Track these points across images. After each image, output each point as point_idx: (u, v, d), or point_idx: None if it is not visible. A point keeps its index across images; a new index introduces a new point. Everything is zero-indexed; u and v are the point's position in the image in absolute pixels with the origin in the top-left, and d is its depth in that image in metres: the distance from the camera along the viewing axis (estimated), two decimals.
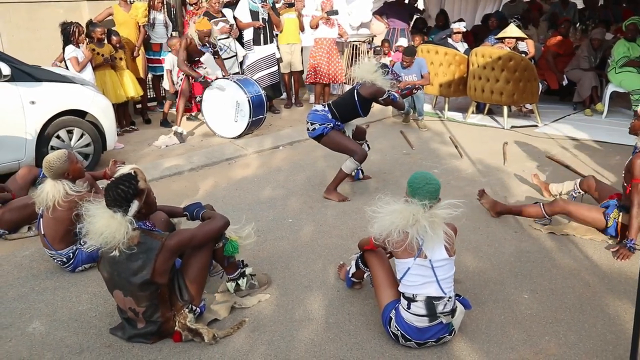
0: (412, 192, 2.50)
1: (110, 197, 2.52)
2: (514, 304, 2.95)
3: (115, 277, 2.59)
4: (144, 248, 2.54)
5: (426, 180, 2.51)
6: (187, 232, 2.74)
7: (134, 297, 2.59)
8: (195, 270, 2.75)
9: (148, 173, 5.16)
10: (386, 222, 2.51)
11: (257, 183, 4.97)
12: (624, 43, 7.15)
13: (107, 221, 2.48)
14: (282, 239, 3.79)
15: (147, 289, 2.57)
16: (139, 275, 2.54)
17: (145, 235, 2.56)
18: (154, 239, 2.56)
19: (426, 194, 2.47)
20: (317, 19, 7.61)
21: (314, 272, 3.32)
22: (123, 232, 2.47)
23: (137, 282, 2.54)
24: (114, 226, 2.47)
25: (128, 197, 2.53)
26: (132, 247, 2.50)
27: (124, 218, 2.49)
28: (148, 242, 2.55)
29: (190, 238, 2.68)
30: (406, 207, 2.49)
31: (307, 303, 3.00)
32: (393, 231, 2.48)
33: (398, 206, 2.53)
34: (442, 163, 5.53)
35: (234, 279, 3.01)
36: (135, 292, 2.57)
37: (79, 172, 3.35)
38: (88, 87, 5.15)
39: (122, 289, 2.60)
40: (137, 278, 2.54)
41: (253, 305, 2.98)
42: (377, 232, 2.56)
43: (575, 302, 2.96)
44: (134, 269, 2.54)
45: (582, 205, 3.75)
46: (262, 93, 6.35)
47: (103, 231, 2.47)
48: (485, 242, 3.69)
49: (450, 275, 2.53)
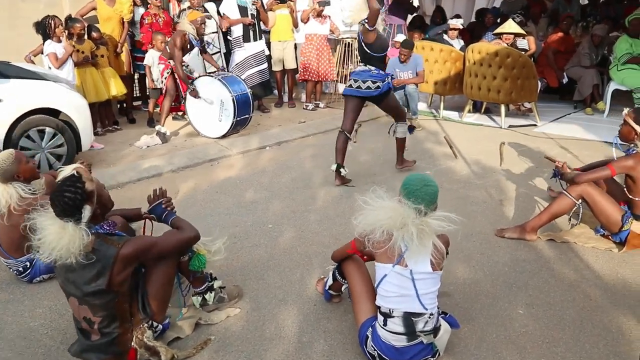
0: (407, 193, 2.22)
1: (58, 207, 2.23)
2: (508, 320, 2.68)
3: (69, 284, 2.32)
4: (99, 255, 2.25)
5: (424, 182, 2.23)
6: (147, 239, 2.47)
7: (88, 306, 2.31)
8: (157, 285, 2.47)
9: (125, 175, 4.93)
10: (371, 217, 2.24)
11: (239, 185, 4.71)
12: (627, 39, 6.89)
13: (58, 233, 2.18)
14: (259, 246, 3.52)
15: (103, 298, 2.29)
16: (93, 284, 2.26)
17: (100, 241, 2.28)
18: (110, 245, 2.28)
19: (423, 196, 2.19)
20: (307, 11, 7.35)
21: (290, 284, 3.05)
22: (78, 243, 2.18)
23: (91, 290, 2.27)
24: (67, 238, 2.17)
25: (77, 203, 2.24)
26: (90, 257, 2.23)
27: (77, 227, 2.20)
28: (103, 248, 2.27)
29: (150, 247, 2.40)
30: (397, 207, 2.21)
31: (280, 319, 2.73)
32: (377, 229, 2.21)
33: (389, 204, 2.24)
34: (436, 164, 5.27)
35: (200, 292, 2.74)
36: (90, 301, 2.30)
37: (30, 172, 3.08)
38: (61, 84, 4.89)
39: (76, 297, 2.33)
40: (92, 287, 2.26)
41: (221, 321, 2.71)
42: (361, 227, 2.28)
43: (575, 318, 2.68)
44: (89, 278, 2.26)
45: (606, 195, 3.40)
46: (248, 91, 6.08)
47: (55, 245, 2.19)
48: (478, 250, 3.42)
49: (433, 290, 2.25)
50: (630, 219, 3.28)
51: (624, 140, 3.40)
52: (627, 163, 3.26)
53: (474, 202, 4.25)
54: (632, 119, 3.31)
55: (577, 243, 3.47)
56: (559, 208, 3.47)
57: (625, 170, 3.26)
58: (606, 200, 3.35)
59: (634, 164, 3.23)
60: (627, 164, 3.24)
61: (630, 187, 3.33)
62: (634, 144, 3.32)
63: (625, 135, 3.37)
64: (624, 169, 3.25)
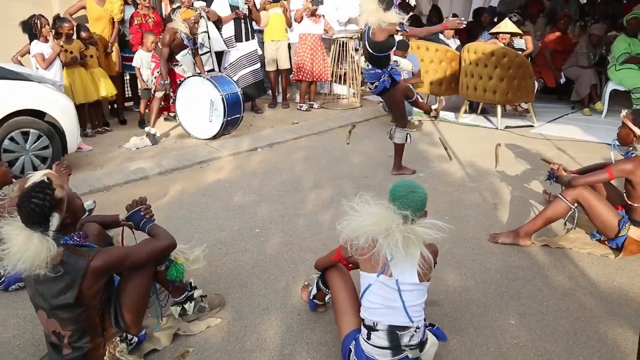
0: (393, 199, 2.12)
1: (25, 215, 2.12)
2: (499, 331, 2.57)
3: (38, 296, 2.22)
4: (68, 268, 2.15)
5: (410, 189, 2.13)
6: (119, 250, 2.36)
7: (57, 319, 2.21)
8: (132, 297, 2.36)
9: (112, 178, 4.82)
10: (356, 223, 2.13)
11: (227, 188, 4.60)
12: (625, 39, 6.78)
13: (24, 244, 2.06)
14: (245, 252, 3.41)
15: (72, 311, 2.19)
16: (61, 298, 2.16)
17: (69, 253, 2.17)
18: (80, 257, 2.18)
19: (409, 203, 2.09)
20: (301, 10, 7.24)
21: (275, 292, 2.94)
22: (44, 254, 2.06)
23: (59, 304, 2.16)
24: (33, 249, 2.06)
25: (45, 211, 2.13)
26: (57, 269, 2.12)
27: (44, 237, 2.09)
28: (72, 260, 2.16)
29: (124, 257, 2.29)
30: (383, 213, 2.10)
31: (263, 329, 2.62)
32: (361, 235, 2.10)
33: (374, 209, 2.13)
34: (429, 166, 5.16)
35: (179, 302, 2.64)
36: (58, 315, 2.20)
37: (2, 176, 2.97)
38: (46, 85, 4.77)
39: (44, 310, 2.22)
40: (59, 300, 2.16)
41: (200, 331, 2.60)
42: (345, 233, 2.18)
43: (569, 329, 2.58)
44: (57, 291, 2.15)
45: (602, 199, 3.28)
46: (239, 91, 5.96)
47: (20, 257, 2.07)
48: (470, 256, 3.31)
49: (420, 302, 2.14)
50: (628, 225, 3.17)
51: (622, 143, 3.27)
52: (626, 167, 3.14)
53: (467, 205, 4.14)
54: (630, 120, 3.19)
55: (572, 249, 3.36)
56: (554, 213, 3.36)
57: (624, 174, 3.15)
58: (602, 204, 3.24)
59: (633, 168, 3.12)
60: (625, 167, 3.13)
61: (629, 193, 3.21)
62: (633, 147, 3.21)
63: (624, 137, 3.24)
64: (623, 172, 3.14)
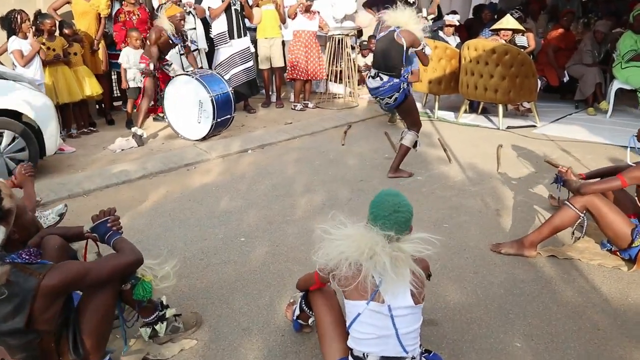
0: (374, 218, 1.87)
1: None
2: (503, 355, 2.32)
3: None
4: (16, 289, 1.89)
5: (394, 208, 1.86)
6: (77, 266, 2.09)
7: (5, 346, 1.95)
8: (93, 319, 2.09)
9: (92, 181, 4.56)
10: (333, 250, 1.89)
11: (214, 193, 4.34)
12: (631, 35, 6.54)
13: None
14: (228, 264, 3.16)
15: (23, 338, 1.93)
16: (9, 323, 1.90)
17: (17, 272, 1.91)
18: (29, 276, 1.92)
19: (392, 225, 1.84)
20: (294, 6, 6.99)
21: (258, 309, 2.69)
22: None
23: (6, 330, 1.91)
24: None
25: None
26: (2, 291, 1.87)
27: None
28: (21, 280, 1.90)
29: (83, 274, 2.03)
30: (364, 234, 1.86)
31: (242, 352, 2.37)
32: (342, 263, 1.85)
33: (353, 231, 1.89)
34: (428, 169, 4.91)
35: (149, 323, 2.39)
36: (7, 341, 1.94)
37: None
38: (23, 84, 4.52)
39: None
40: (7, 325, 1.90)
41: (173, 355, 2.36)
42: (322, 262, 1.94)
43: (581, 352, 2.33)
44: (3, 315, 1.89)
45: (614, 207, 3.01)
46: (229, 91, 5.71)
47: None
48: (471, 269, 3.06)
49: (415, 328, 1.90)
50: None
51: None
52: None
53: (467, 211, 3.89)
54: None
55: (581, 260, 3.11)
56: (561, 221, 3.10)
57: (638, 181, 2.90)
58: (614, 212, 2.98)
59: None
60: (639, 174, 2.88)
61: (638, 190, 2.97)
62: None
63: None
64: (636, 180, 2.89)
